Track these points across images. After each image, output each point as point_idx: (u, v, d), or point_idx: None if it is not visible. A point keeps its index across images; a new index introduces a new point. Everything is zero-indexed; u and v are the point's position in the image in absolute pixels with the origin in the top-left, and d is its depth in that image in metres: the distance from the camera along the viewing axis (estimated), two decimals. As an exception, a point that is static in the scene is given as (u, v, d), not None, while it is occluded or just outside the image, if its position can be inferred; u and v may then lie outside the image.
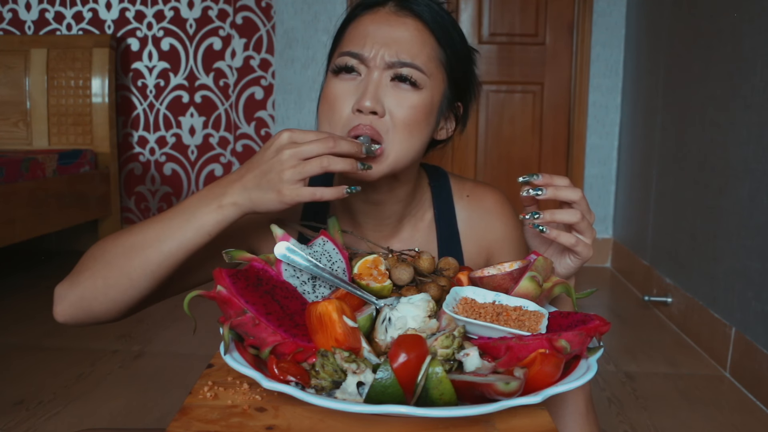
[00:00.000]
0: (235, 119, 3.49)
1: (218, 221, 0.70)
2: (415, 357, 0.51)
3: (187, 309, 0.59)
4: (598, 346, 0.61)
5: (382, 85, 0.76)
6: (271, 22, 3.41)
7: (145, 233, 0.73)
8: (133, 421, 1.65)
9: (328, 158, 0.67)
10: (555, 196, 0.71)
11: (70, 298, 0.75)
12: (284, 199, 0.67)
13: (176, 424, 0.52)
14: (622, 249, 3.26)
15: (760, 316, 1.84)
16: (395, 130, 0.76)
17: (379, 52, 0.76)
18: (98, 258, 0.75)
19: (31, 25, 3.50)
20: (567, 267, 0.76)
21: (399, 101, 0.76)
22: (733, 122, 2.06)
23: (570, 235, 0.72)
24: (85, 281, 0.75)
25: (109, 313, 0.76)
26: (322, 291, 0.68)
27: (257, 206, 0.69)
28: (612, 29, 3.33)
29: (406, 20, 0.78)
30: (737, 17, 2.06)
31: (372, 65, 0.76)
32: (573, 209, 0.71)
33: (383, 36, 0.77)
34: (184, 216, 0.71)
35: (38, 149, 3.26)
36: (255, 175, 0.68)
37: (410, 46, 0.77)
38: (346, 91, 0.77)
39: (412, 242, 0.90)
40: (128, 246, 0.73)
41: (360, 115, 0.75)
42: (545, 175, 0.71)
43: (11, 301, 2.66)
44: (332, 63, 0.81)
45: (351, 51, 0.77)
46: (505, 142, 3.47)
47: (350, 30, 0.80)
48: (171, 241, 0.71)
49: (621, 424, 1.70)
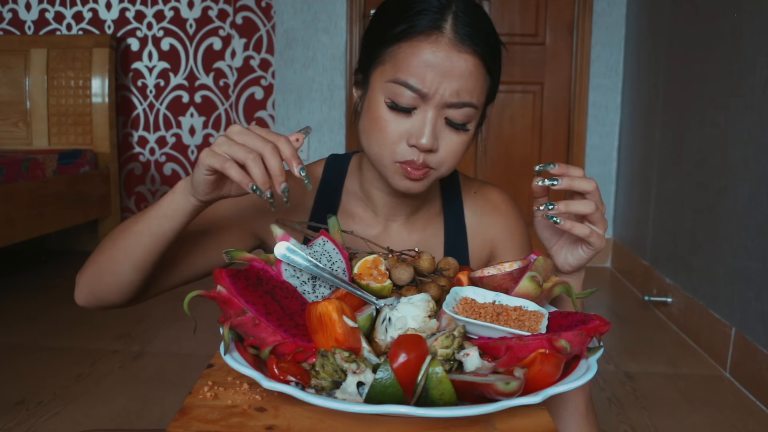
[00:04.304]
0: (235, 119, 3.49)
1: (171, 203, 0.73)
2: (415, 357, 0.51)
3: (187, 309, 0.59)
4: (598, 346, 0.61)
5: (437, 124, 0.77)
6: (271, 22, 3.41)
7: (128, 223, 0.78)
8: (133, 421, 1.65)
9: (251, 165, 0.64)
10: (570, 187, 0.71)
11: (81, 283, 0.81)
12: (201, 160, 0.66)
13: (176, 424, 0.52)
14: (622, 249, 3.26)
15: (760, 316, 1.84)
16: (444, 160, 0.79)
17: (438, 89, 0.75)
18: (99, 247, 0.81)
19: (31, 25, 3.50)
20: (579, 257, 0.76)
21: (452, 140, 0.79)
22: (733, 122, 2.06)
23: (584, 226, 0.72)
24: (88, 268, 0.80)
25: (112, 297, 0.80)
26: (322, 291, 0.68)
27: (193, 178, 0.70)
28: (612, 29, 3.33)
29: (466, 56, 0.76)
30: (737, 17, 2.06)
31: (430, 102, 0.76)
32: (587, 200, 0.71)
33: (444, 72, 0.75)
34: (154, 205, 0.75)
35: (38, 149, 3.26)
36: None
37: (468, 84, 0.76)
38: (400, 121, 0.78)
39: (424, 232, 0.94)
40: (115, 236, 0.78)
41: (415, 150, 0.77)
42: (561, 165, 0.71)
43: (11, 301, 2.66)
44: (380, 83, 0.78)
45: (409, 83, 0.75)
46: (505, 142, 3.46)
47: (405, 53, 0.76)
48: (140, 227, 0.75)
49: (621, 424, 1.70)
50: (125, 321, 2.46)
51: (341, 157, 0.98)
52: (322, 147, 3.41)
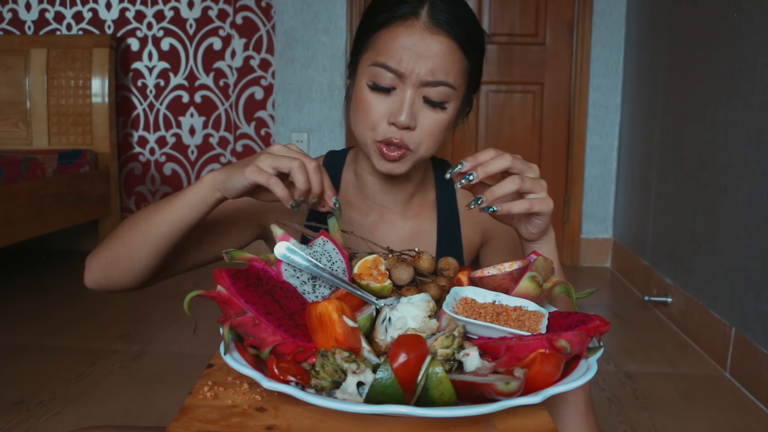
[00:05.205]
0: (235, 119, 3.49)
1: (197, 194, 0.77)
2: (415, 357, 0.51)
3: (187, 309, 0.59)
4: (598, 346, 0.61)
5: (416, 102, 0.82)
6: (271, 22, 3.41)
7: (147, 211, 0.81)
8: (133, 420, 1.65)
9: (296, 170, 0.71)
10: (487, 173, 0.72)
11: (93, 266, 0.84)
12: (245, 174, 0.72)
13: (176, 424, 0.52)
14: (622, 249, 3.26)
15: (760, 316, 1.84)
16: (422, 139, 0.84)
17: (414, 69, 0.81)
18: (115, 231, 0.85)
19: (31, 25, 3.50)
20: (537, 226, 0.77)
21: (430, 119, 0.83)
22: (733, 122, 2.06)
23: (521, 201, 0.72)
24: (102, 252, 0.84)
25: (125, 281, 0.84)
26: (322, 291, 0.68)
27: (228, 181, 0.74)
28: (612, 29, 3.33)
29: (439, 38, 0.81)
30: (737, 17, 2.06)
31: (407, 81, 0.81)
32: (510, 177, 0.72)
33: (418, 52, 0.80)
34: (177, 195, 0.79)
35: (38, 149, 3.26)
36: (238, 163, 0.77)
37: (443, 64, 0.81)
38: (381, 101, 0.83)
39: (417, 219, 0.98)
40: (133, 222, 0.82)
41: (393, 128, 0.83)
42: (469, 158, 0.72)
43: (11, 301, 2.66)
44: (365, 68, 0.84)
45: (387, 65, 0.81)
46: (505, 142, 3.46)
47: (384, 38, 0.83)
48: (160, 215, 0.79)
49: (621, 424, 1.70)
50: (125, 321, 2.46)
51: (339, 153, 1.03)
52: (321, 147, 3.41)
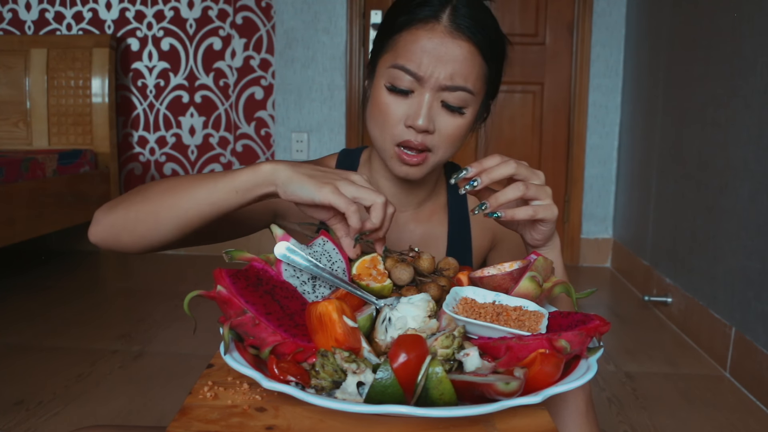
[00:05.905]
0: (235, 119, 3.49)
1: (250, 180, 0.70)
2: (415, 357, 0.51)
3: (187, 309, 0.59)
4: (598, 346, 0.61)
5: (434, 106, 0.82)
6: (271, 22, 3.41)
7: (185, 180, 0.75)
8: (133, 421, 1.65)
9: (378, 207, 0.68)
10: (491, 180, 0.71)
11: (104, 222, 0.80)
12: (323, 191, 0.66)
13: (176, 424, 0.52)
14: (622, 249, 3.26)
15: (760, 316, 1.84)
16: (440, 143, 0.84)
17: (433, 73, 0.80)
18: (139, 192, 0.78)
19: (31, 25, 3.50)
20: (542, 232, 0.77)
21: (448, 123, 0.83)
22: (733, 122, 2.06)
23: (525, 208, 0.72)
24: (120, 210, 0.78)
25: (135, 245, 0.79)
26: (322, 291, 0.68)
27: (293, 184, 0.68)
28: (612, 29, 3.33)
29: (460, 42, 0.80)
30: (737, 17, 2.06)
31: (426, 85, 0.81)
32: (514, 183, 0.72)
33: (438, 56, 0.80)
34: (224, 174, 0.72)
35: (38, 149, 3.26)
36: (314, 168, 0.70)
37: (462, 68, 0.81)
38: (398, 104, 0.83)
39: (429, 223, 0.98)
40: (165, 188, 0.76)
41: (412, 131, 0.82)
42: (474, 164, 0.72)
43: (11, 301, 2.66)
44: (383, 69, 0.83)
45: (406, 67, 0.81)
46: (505, 142, 3.46)
47: (404, 41, 0.82)
48: (202, 191, 0.72)
49: (621, 424, 1.70)
50: (125, 321, 2.46)
51: (352, 152, 1.01)
52: (321, 147, 3.41)
